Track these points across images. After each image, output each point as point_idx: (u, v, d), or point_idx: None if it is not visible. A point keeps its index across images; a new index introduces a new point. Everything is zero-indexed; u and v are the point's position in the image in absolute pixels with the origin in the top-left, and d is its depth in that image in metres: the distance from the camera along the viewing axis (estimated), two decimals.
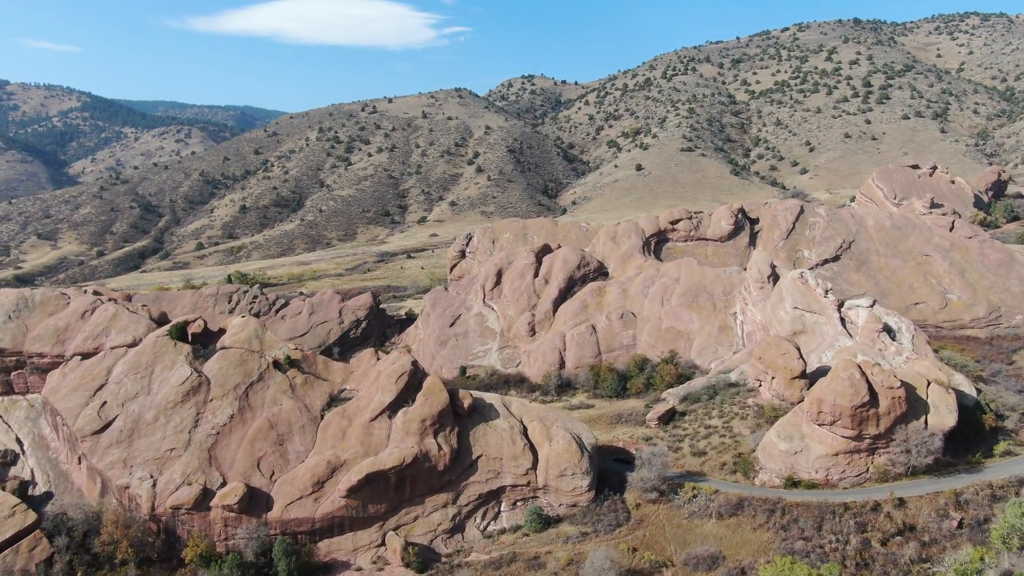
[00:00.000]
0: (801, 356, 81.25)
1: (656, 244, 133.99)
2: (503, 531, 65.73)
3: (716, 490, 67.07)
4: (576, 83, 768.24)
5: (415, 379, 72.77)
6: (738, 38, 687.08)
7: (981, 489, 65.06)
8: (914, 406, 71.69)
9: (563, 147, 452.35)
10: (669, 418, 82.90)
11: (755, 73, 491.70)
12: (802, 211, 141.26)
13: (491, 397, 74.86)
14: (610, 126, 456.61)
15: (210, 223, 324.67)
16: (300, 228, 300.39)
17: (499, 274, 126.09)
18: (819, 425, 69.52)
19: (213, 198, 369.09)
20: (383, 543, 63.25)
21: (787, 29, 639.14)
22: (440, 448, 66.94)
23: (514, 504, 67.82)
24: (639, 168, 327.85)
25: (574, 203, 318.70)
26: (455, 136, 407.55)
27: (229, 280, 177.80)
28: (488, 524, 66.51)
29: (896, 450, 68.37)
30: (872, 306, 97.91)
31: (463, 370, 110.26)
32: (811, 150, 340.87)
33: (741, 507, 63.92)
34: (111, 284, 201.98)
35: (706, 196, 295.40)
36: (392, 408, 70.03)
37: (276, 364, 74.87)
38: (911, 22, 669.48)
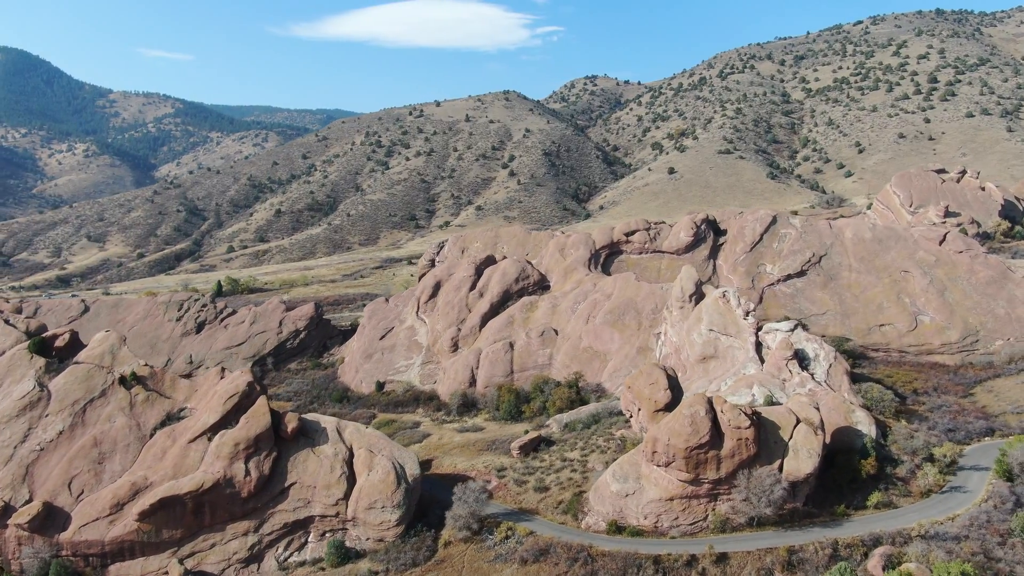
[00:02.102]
0: (671, 387, 74.85)
1: (607, 257, 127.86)
2: (303, 563, 63.15)
3: (531, 532, 62.35)
4: (639, 83, 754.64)
5: (248, 400, 71.11)
6: (808, 32, 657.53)
7: (823, 547, 57.87)
8: (771, 449, 64.64)
9: (607, 149, 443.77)
10: (534, 447, 78.09)
11: (816, 70, 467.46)
12: (774, 222, 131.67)
13: (327, 421, 72.38)
14: (657, 127, 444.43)
15: (246, 227, 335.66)
16: (325, 232, 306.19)
17: (437, 286, 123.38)
18: (656, 465, 63.56)
19: (257, 202, 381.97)
20: None
21: (860, 23, 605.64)
22: (248, 474, 64.99)
23: (322, 535, 65.14)
24: (671, 171, 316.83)
25: (601, 208, 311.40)
26: (493, 139, 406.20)
27: (219, 286, 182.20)
28: (291, 555, 64.09)
29: (738, 498, 61.65)
30: (793, 330, 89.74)
31: (380, 385, 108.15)
32: (860, 151, 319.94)
33: (547, 553, 59.04)
34: (121, 287, 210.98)
35: (736, 200, 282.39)
36: (214, 429, 68.63)
37: (122, 380, 74.82)
38: (1002, 11, 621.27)
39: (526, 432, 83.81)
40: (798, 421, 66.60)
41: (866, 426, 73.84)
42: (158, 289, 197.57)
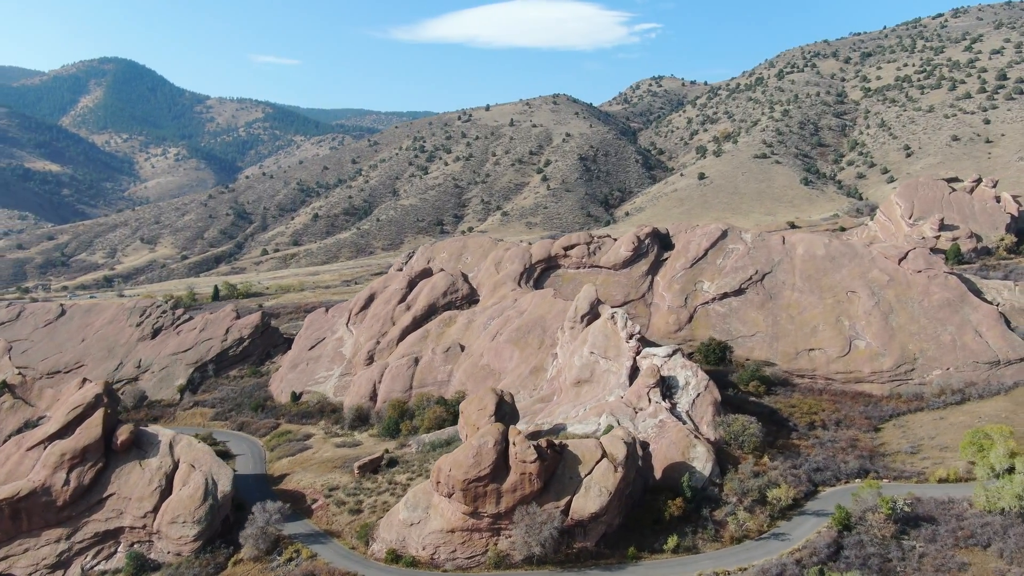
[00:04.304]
0: (503, 413, 73.13)
1: (544, 271, 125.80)
2: (105, 572, 65.82)
3: (314, 555, 62.82)
4: (705, 83, 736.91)
5: (94, 411, 74.63)
6: (884, 27, 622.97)
7: None
8: (564, 485, 62.58)
9: (654, 153, 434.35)
10: (374, 468, 78.22)
11: (879, 68, 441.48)
12: (723, 236, 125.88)
13: (165, 434, 75.02)
14: (705, 130, 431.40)
15: (284, 230, 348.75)
16: (352, 237, 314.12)
17: (371, 298, 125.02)
18: (441, 496, 62.62)
19: (303, 206, 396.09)
20: None
21: (940, 15, 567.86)
22: (66, 484, 68.27)
23: (131, 545, 67.62)
24: (701, 177, 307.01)
25: (627, 214, 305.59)
26: (532, 144, 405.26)
27: (216, 291, 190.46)
28: (98, 564, 66.89)
29: (517, 534, 59.93)
30: (671, 356, 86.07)
31: (295, 396, 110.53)
32: (908, 155, 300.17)
33: None
34: (151, 287, 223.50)
35: (763, 207, 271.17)
36: (54, 439, 72.37)
37: None
38: None
39: (386, 451, 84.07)
40: (603, 456, 64.05)
41: (702, 463, 70.18)
42: (174, 291, 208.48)
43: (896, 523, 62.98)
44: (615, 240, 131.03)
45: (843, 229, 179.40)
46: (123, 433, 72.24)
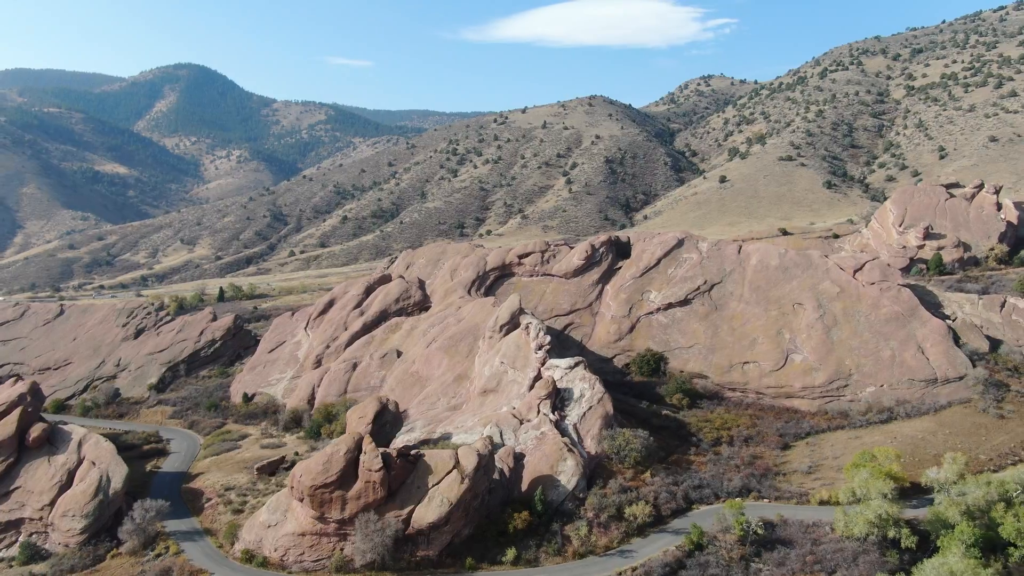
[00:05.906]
0: (385, 421, 75.43)
1: (498, 279, 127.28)
2: (2, 560, 71.23)
3: (180, 552, 66.56)
4: (755, 82, 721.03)
5: (15, 409, 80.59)
6: (943, 21, 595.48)
7: None
8: (411, 493, 64.52)
9: (687, 155, 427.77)
10: (272, 470, 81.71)
11: (927, 65, 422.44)
12: (679, 244, 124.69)
13: (77, 433, 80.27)
14: (740, 131, 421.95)
15: (314, 232, 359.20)
16: (375, 240, 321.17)
17: (331, 303, 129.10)
18: (296, 500, 65.43)
19: (338, 208, 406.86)
20: None
21: (1001, 8, 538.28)
22: None
23: (30, 536, 72.92)
24: (723, 180, 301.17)
25: (646, 218, 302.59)
26: (561, 147, 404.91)
27: (221, 294, 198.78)
28: (0, 551, 72.39)
29: (356, 540, 62.21)
30: (573, 367, 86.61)
31: (247, 396, 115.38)
32: (941, 157, 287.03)
33: (167, 574, 63.01)
34: (176, 287, 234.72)
35: (780, 211, 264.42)
36: None
37: None
38: None
39: (295, 454, 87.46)
40: (454, 467, 65.61)
41: (567, 476, 70.75)
42: (186, 292, 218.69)
43: (751, 545, 62.46)
44: (570, 248, 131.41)
45: (836, 236, 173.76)
46: (35, 431, 77.75)
